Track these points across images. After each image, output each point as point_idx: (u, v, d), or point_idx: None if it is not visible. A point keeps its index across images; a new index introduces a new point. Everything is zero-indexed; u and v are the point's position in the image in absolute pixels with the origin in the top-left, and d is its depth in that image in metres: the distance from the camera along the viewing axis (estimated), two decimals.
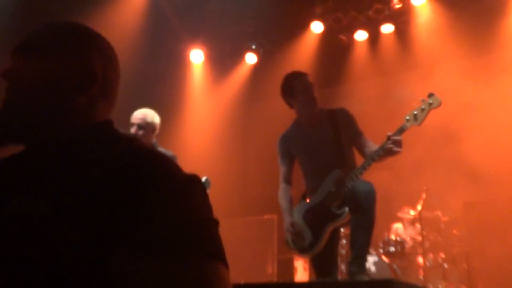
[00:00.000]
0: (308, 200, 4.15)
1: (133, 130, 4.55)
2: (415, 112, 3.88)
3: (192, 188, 1.14)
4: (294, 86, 4.19)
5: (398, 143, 3.69)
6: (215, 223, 1.14)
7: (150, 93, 8.06)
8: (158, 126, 4.75)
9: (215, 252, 1.07)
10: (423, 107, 3.88)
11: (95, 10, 7.25)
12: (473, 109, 7.29)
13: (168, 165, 1.14)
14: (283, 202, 4.25)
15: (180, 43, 8.69)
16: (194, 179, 1.17)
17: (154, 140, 4.80)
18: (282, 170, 4.37)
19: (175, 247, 1.02)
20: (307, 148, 4.18)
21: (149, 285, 0.99)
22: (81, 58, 1.26)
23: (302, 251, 4.09)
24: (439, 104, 3.86)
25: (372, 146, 3.89)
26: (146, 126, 4.58)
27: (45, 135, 1.20)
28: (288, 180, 4.32)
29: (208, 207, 1.17)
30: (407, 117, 3.90)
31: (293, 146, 4.29)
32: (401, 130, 3.83)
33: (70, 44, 1.27)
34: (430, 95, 3.90)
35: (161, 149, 4.89)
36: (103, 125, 1.28)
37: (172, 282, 0.99)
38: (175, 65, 8.94)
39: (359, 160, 4.06)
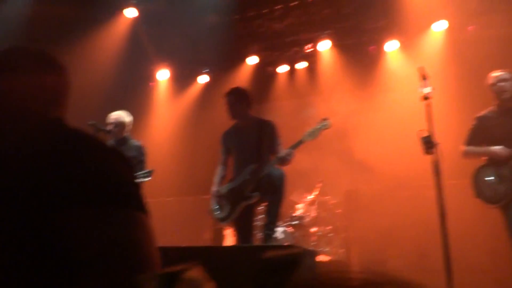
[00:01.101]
0: (232, 183, 4.25)
1: (110, 127, 4.65)
2: (312, 130, 4.07)
3: (116, 157, 1.08)
4: (240, 99, 4.32)
5: (289, 155, 3.87)
6: (136, 183, 1.09)
7: (126, 100, 7.96)
8: (128, 124, 4.82)
9: (139, 205, 1.04)
10: (317, 127, 4.08)
11: (88, 33, 7.13)
12: (358, 119, 7.48)
13: (97, 141, 1.09)
14: (216, 178, 4.38)
15: (151, 63, 8.63)
16: (117, 151, 1.11)
17: (126, 133, 4.81)
18: (221, 157, 4.46)
19: (106, 201, 0.97)
20: (237, 145, 4.27)
21: (89, 234, 0.94)
22: (36, 76, 1.21)
23: (220, 219, 4.25)
24: (329, 127, 4.10)
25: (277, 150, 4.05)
26: (119, 124, 4.71)
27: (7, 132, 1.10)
28: (224, 164, 4.42)
29: (129, 170, 1.10)
30: (305, 134, 4.07)
31: (229, 141, 4.38)
32: (300, 142, 4.03)
33: (26, 64, 1.23)
34: (324, 119, 4.13)
35: (132, 140, 4.90)
36: (53, 120, 1.19)
37: (106, 230, 0.95)
38: (147, 79, 8.88)
39: None
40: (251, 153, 4.07)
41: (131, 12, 7.23)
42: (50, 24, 6.82)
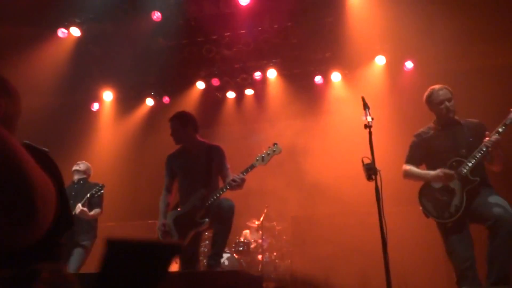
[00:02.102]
0: (179, 209, 4.06)
1: (78, 168, 5.52)
2: (263, 155, 4.05)
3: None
4: (184, 124, 4.18)
5: (240, 181, 3.81)
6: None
7: (69, 121, 7.63)
8: (91, 171, 5.72)
9: None
10: (268, 152, 4.06)
11: (30, 52, 6.81)
12: (304, 146, 7.55)
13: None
14: (161, 205, 4.16)
15: (95, 84, 8.35)
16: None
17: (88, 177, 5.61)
18: (165, 181, 4.24)
19: None
20: (183, 169, 4.09)
21: None
22: None
23: None
24: (280, 152, 4.09)
25: (231, 177, 3.90)
26: (87, 170, 5.63)
27: None
28: (168, 190, 4.20)
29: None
30: (257, 158, 4.04)
31: (175, 164, 4.18)
32: (251, 167, 3.98)
33: None
34: (275, 144, 4.11)
35: (92, 182, 5.54)
36: None
37: None
38: (91, 99, 8.57)
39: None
40: (199, 177, 3.94)
41: (74, 32, 6.99)
42: None
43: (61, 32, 6.99)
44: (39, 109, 6.86)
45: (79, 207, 4.90)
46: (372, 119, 3.52)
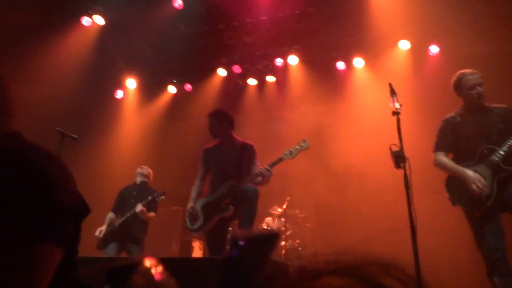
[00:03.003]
0: (208, 196, 4.26)
1: (142, 173, 6.04)
2: (291, 150, 4.18)
3: (43, 169, 1.06)
4: (221, 121, 4.38)
5: (268, 171, 3.98)
6: (56, 203, 1.03)
7: (95, 108, 7.71)
8: (151, 176, 6.21)
9: (46, 233, 0.98)
10: (297, 147, 4.19)
11: (55, 38, 6.87)
12: (327, 133, 7.47)
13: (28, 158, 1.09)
14: (193, 192, 4.33)
15: (119, 72, 8.40)
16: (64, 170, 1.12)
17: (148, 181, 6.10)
18: (200, 171, 4.43)
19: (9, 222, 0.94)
20: (218, 162, 4.31)
21: None
22: None
23: (193, 230, 4.21)
24: (308, 147, 4.22)
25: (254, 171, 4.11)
26: (148, 175, 6.10)
27: None
28: (202, 179, 4.39)
29: (51, 188, 1.05)
30: (285, 152, 4.19)
31: (209, 158, 4.39)
32: (278, 160, 4.15)
33: None
34: (304, 140, 4.25)
35: (152, 187, 6.02)
36: (10, 135, 1.24)
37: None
38: (115, 87, 8.63)
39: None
40: (230, 171, 4.16)
41: (98, 20, 7.02)
42: (15, 32, 6.54)
43: (85, 20, 7.01)
44: (64, 97, 6.93)
45: (140, 206, 5.44)
46: (401, 105, 3.41)
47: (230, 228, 5.78)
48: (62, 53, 6.91)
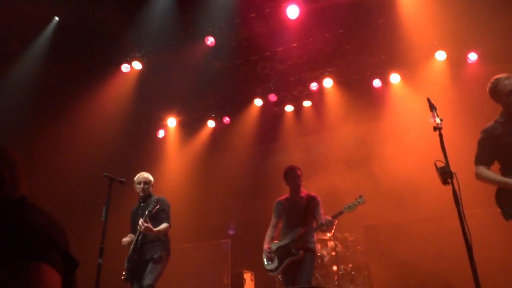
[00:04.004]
0: (281, 241, 4.91)
1: (140, 185, 5.18)
2: (350, 205, 4.76)
3: (31, 217, 1.31)
4: (288, 177, 5.04)
5: (331, 223, 4.65)
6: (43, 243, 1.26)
7: (139, 149, 8.06)
8: (153, 182, 5.37)
9: (38, 254, 1.20)
10: (355, 202, 4.75)
11: (97, 87, 7.32)
12: (369, 152, 7.42)
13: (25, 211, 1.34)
14: (267, 236, 5.06)
15: (159, 112, 8.78)
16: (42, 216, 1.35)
17: (151, 189, 5.30)
18: (272, 219, 5.11)
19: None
20: (287, 212, 4.98)
21: None
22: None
23: (270, 271, 4.88)
24: (364, 203, 4.75)
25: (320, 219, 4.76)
26: (149, 182, 5.26)
27: None
28: (274, 226, 5.08)
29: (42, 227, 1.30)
30: (345, 206, 4.77)
31: (281, 208, 5.06)
32: (339, 213, 4.73)
33: None
34: (360, 196, 4.79)
35: (155, 196, 5.29)
36: (14, 202, 1.44)
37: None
38: (156, 127, 9.00)
39: None
40: (298, 219, 4.84)
41: (136, 65, 7.43)
42: (61, 81, 7.06)
43: (125, 67, 7.45)
44: (109, 141, 7.31)
45: (142, 223, 4.85)
46: (441, 120, 3.37)
47: None
48: (104, 101, 7.36)
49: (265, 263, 4.91)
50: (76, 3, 6.47)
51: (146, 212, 4.84)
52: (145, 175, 5.26)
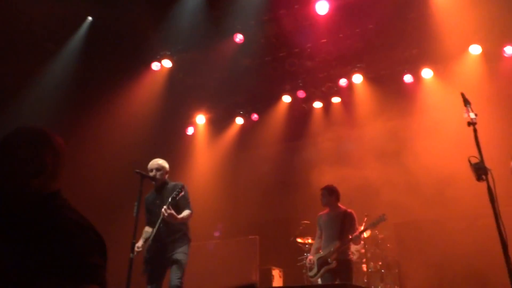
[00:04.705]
0: (321, 252, 5.43)
1: (152, 173, 4.80)
2: (374, 222, 5.48)
3: (78, 233, 1.34)
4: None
5: (356, 238, 5.30)
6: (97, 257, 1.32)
7: (167, 147, 8.21)
8: (167, 169, 4.96)
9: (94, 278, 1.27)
10: (378, 219, 5.43)
11: (129, 85, 7.52)
12: (400, 148, 7.29)
13: (67, 219, 1.36)
14: (312, 249, 5.69)
15: (188, 109, 8.91)
16: (84, 227, 1.38)
17: (166, 177, 4.95)
18: (317, 232, 5.67)
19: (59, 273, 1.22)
20: (326, 226, 5.50)
21: None
22: (36, 155, 1.46)
23: (310, 277, 5.51)
24: (386, 220, 5.40)
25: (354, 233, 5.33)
26: (161, 168, 4.85)
27: (10, 203, 1.42)
28: (319, 237, 5.60)
29: (92, 247, 1.35)
30: (370, 224, 5.57)
31: (321, 222, 5.59)
32: (365, 230, 5.65)
33: (29, 144, 1.48)
34: (383, 214, 5.40)
35: (172, 182, 5.01)
36: (49, 196, 1.47)
37: None
38: (186, 124, 9.14)
39: None
40: (336, 233, 5.36)
41: (166, 63, 7.58)
42: (93, 80, 7.30)
43: (155, 65, 7.61)
44: (140, 138, 7.48)
45: (166, 210, 4.59)
46: (476, 115, 3.31)
47: None
48: (135, 99, 7.55)
49: (307, 271, 5.62)
50: (108, 3, 6.66)
51: (170, 199, 4.52)
52: (159, 161, 4.89)
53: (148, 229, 4.84)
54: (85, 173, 6.92)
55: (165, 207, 4.47)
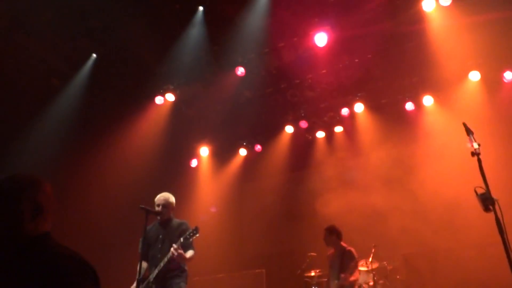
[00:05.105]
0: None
1: (158, 208, 4.71)
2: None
3: (71, 267, 1.42)
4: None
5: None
6: None
7: (173, 179, 8.21)
8: (174, 205, 4.85)
9: None
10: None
11: (132, 120, 7.59)
12: (403, 178, 7.25)
13: (59, 255, 1.46)
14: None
15: (192, 142, 8.95)
16: (76, 260, 1.46)
17: (171, 213, 4.86)
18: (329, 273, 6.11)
19: None
20: (331, 266, 5.95)
21: None
22: (33, 201, 1.55)
23: None
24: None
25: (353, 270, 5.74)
26: (168, 205, 4.76)
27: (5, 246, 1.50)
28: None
29: (85, 280, 1.43)
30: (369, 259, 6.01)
31: (329, 262, 6.01)
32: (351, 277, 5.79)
33: (25, 191, 1.56)
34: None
35: (177, 219, 4.95)
36: (41, 237, 1.55)
37: None
38: (189, 156, 9.16)
39: None
40: (336, 272, 5.78)
41: (169, 97, 7.67)
42: (98, 114, 7.39)
43: (158, 99, 7.70)
44: (144, 172, 7.49)
45: (175, 248, 4.47)
46: (479, 145, 3.30)
47: None
48: (139, 132, 7.62)
49: None
50: (112, 40, 6.80)
51: (182, 240, 4.40)
52: (166, 196, 4.81)
53: (144, 265, 4.58)
54: (90, 208, 6.90)
55: (175, 246, 4.36)
